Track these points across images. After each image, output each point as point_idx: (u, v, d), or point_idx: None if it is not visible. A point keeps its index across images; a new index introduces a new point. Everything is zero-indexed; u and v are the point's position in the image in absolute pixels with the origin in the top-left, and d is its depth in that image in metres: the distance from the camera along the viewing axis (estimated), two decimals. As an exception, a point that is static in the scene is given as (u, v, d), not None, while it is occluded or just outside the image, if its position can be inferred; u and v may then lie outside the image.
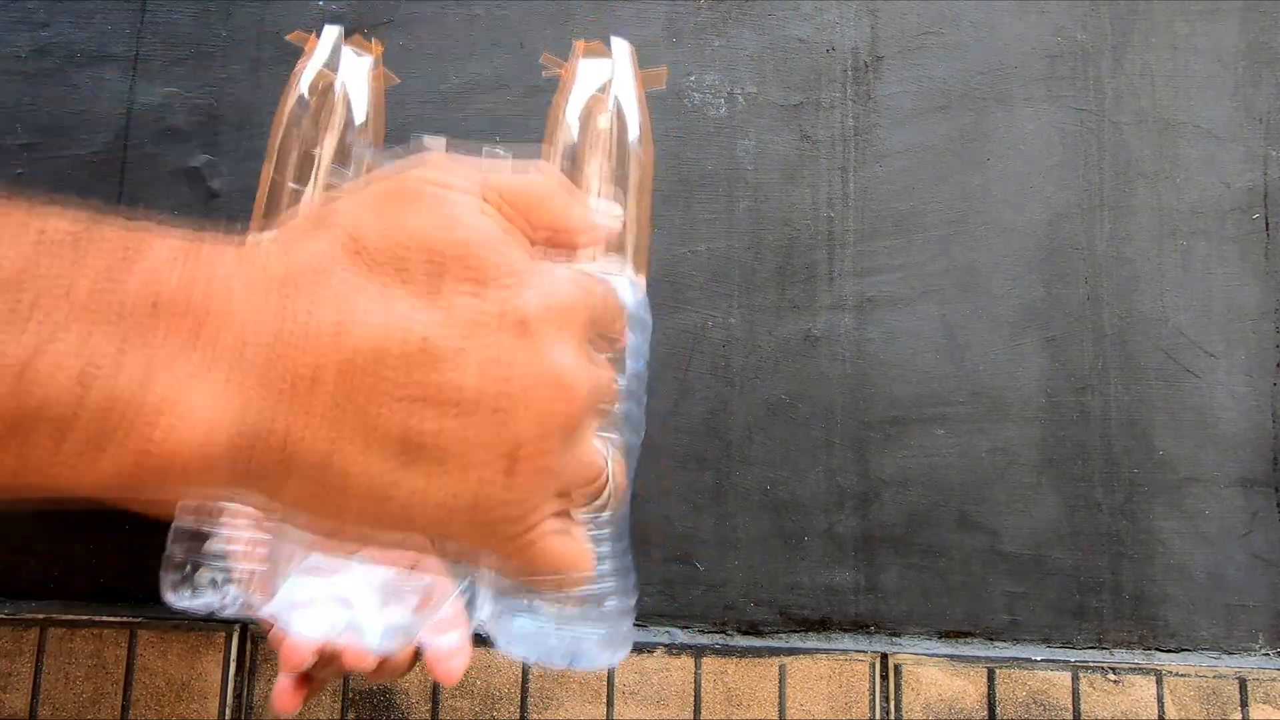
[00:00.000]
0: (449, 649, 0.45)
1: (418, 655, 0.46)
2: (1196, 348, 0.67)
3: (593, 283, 0.29)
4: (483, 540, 0.27)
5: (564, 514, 0.29)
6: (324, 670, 0.46)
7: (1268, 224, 0.68)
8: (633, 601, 0.51)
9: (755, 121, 0.68)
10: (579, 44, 0.50)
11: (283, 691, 0.46)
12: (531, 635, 0.46)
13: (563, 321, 0.27)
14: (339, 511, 0.26)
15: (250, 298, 0.24)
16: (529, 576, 0.29)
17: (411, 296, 0.25)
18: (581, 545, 0.29)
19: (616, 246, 0.46)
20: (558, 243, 0.30)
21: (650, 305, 0.65)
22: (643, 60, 0.67)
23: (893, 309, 0.67)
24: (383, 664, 0.44)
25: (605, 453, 0.31)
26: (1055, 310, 0.67)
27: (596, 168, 0.47)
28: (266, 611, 0.44)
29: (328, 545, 0.43)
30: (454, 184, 0.27)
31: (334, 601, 0.43)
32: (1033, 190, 0.68)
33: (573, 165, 0.47)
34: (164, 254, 0.24)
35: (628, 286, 0.47)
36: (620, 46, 0.50)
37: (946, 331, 0.66)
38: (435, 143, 0.44)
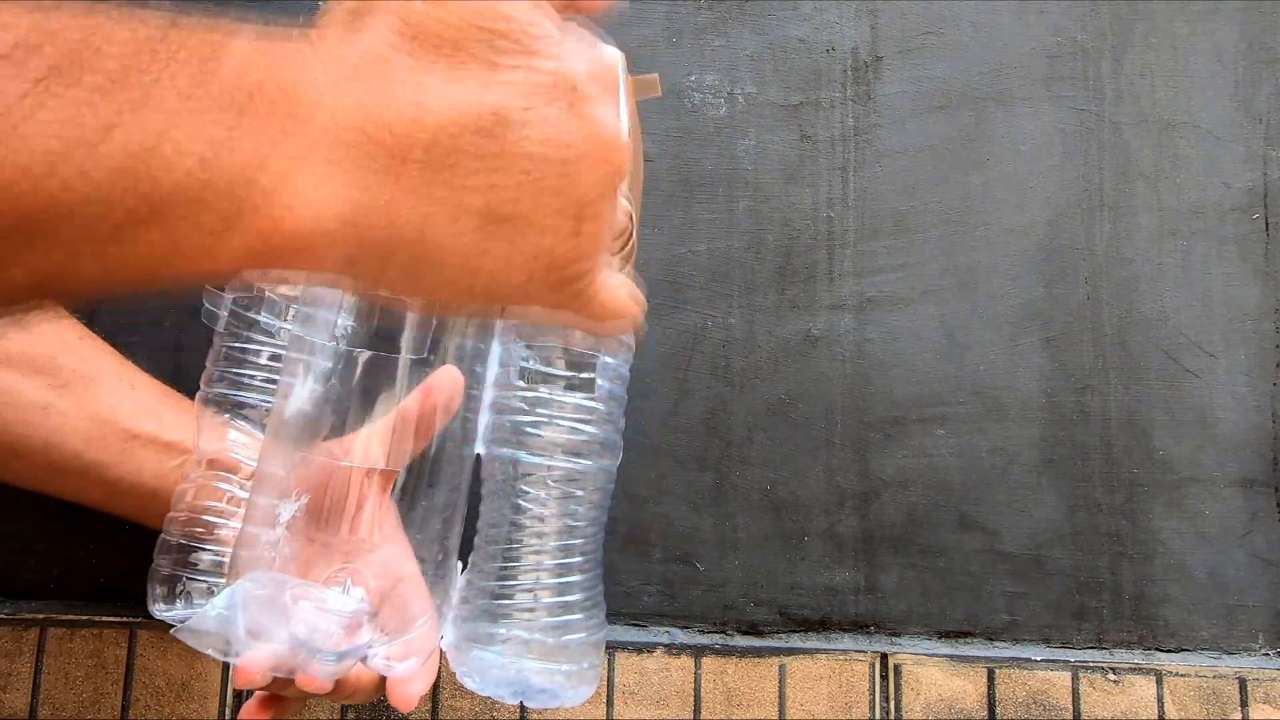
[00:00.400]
0: (405, 674, 0.44)
1: (381, 684, 0.45)
2: (1196, 348, 0.67)
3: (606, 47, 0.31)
4: (560, 299, 0.29)
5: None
6: (286, 690, 0.45)
7: (1268, 224, 0.68)
8: (601, 634, 0.49)
9: (755, 121, 0.68)
10: None
11: (248, 709, 0.45)
12: (489, 667, 0.44)
13: (604, 85, 0.29)
14: (435, 286, 0.28)
15: (334, 85, 0.25)
16: (601, 323, 0.31)
17: (475, 72, 0.26)
18: (633, 289, 0.32)
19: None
20: (576, 8, 0.31)
21: (650, 305, 0.65)
22: (643, 60, 0.67)
23: (893, 309, 0.67)
24: (339, 686, 0.43)
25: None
26: (1055, 310, 0.67)
27: None
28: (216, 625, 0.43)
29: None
30: None
31: (287, 621, 0.42)
32: (1033, 190, 0.68)
33: None
34: (247, 49, 0.24)
35: None
36: (611, 55, 0.49)
37: (946, 332, 0.66)
38: None
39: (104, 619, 0.61)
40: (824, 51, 0.69)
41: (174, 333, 0.64)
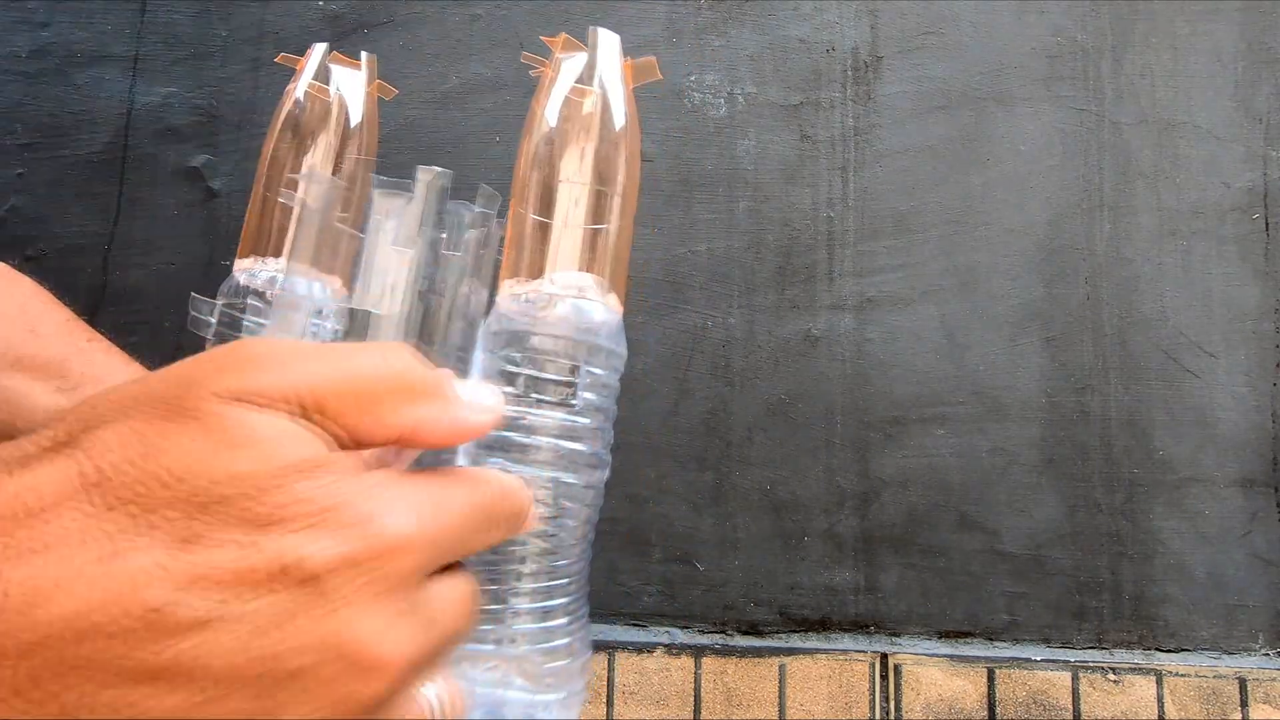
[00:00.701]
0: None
1: None
2: (1196, 348, 0.67)
3: (455, 493, 0.24)
4: None
5: None
6: None
7: (1268, 224, 0.68)
8: (585, 658, 0.47)
9: (755, 121, 0.68)
10: (555, 40, 0.47)
11: None
12: (473, 688, 0.43)
13: (372, 572, 0.21)
14: None
15: None
16: None
17: (154, 547, 0.20)
18: None
19: (589, 265, 0.43)
20: (413, 444, 0.24)
21: (650, 305, 0.65)
22: (639, 76, 0.68)
23: (893, 309, 0.67)
24: None
25: (436, 692, 0.26)
26: (1055, 310, 0.67)
27: (574, 161, 0.44)
28: None
29: None
30: (253, 394, 0.22)
31: None
32: (1033, 190, 0.68)
33: (544, 180, 0.44)
34: None
35: (601, 312, 0.43)
36: (606, 38, 0.47)
37: (946, 332, 0.66)
38: (427, 174, 0.40)
39: (104, 619, 0.61)
40: (824, 51, 0.69)
41: (174, 333, 0.64)
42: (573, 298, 0.40)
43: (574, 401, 0.41)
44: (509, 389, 0.42)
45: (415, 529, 0.22)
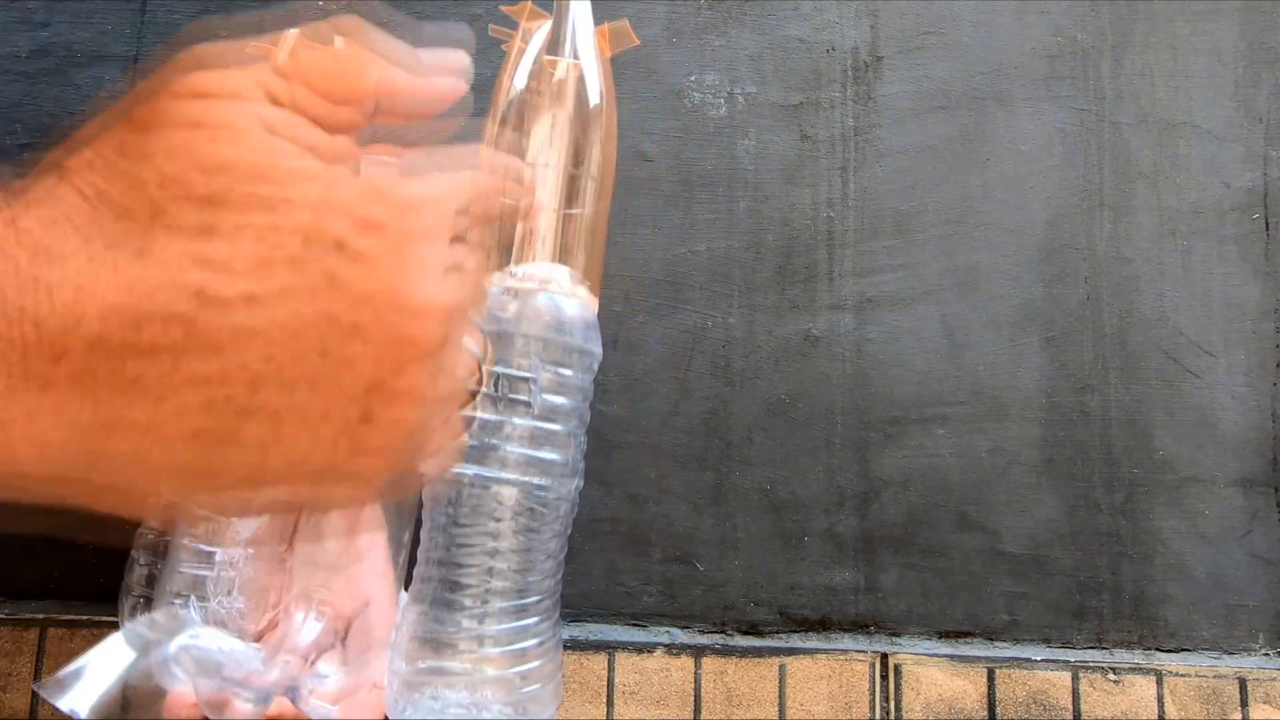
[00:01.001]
0: (333, 714, 0.41)
1: None
2: (1196, 348, 0.67)
3: (452, 159, 0.24)
4: (360, 496, 0.23)
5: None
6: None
7: (1268, 224, 0.68)
8: (555, 683, 0.44)
9: (755, 121, 0.68)
10: (519, 8, 0.40)
11: None
12: (435, 715, 0.39)
13: (395, 232, 0.22)
14: (154, 505, 0.21)
15: None
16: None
17: (176, 241, 0.20)
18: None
19: (563, 255, 0.38)
20: (390, 114, 0.24)
21: (650, 305, 0.65)
22: (642, 60, 0.68)
23: (893, 309, 0.67)
24: None
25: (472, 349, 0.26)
26: (1055, 310, 0.67)
27: (542, 139, 0.38)
28: (157, 659, 0.40)
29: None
30: (222, 89, 0.22)
31: (214, 658, 0.40)
32: (1033, 190, 0.68)
33: (518, 129, 0.38)
34: None
35: (575, 307, 0.39)
36: (576, 5, 0.40)
37: (946, 332, 0.66)
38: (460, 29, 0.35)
39: (104, 619, 0.61)
40: (824, 51, 0.69)
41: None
42: (534, 290, 0.37)
43: (532, 404, 0.37)
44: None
45: (426, 189, 0.22)
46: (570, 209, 0.38)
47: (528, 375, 0.38)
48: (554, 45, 0.40)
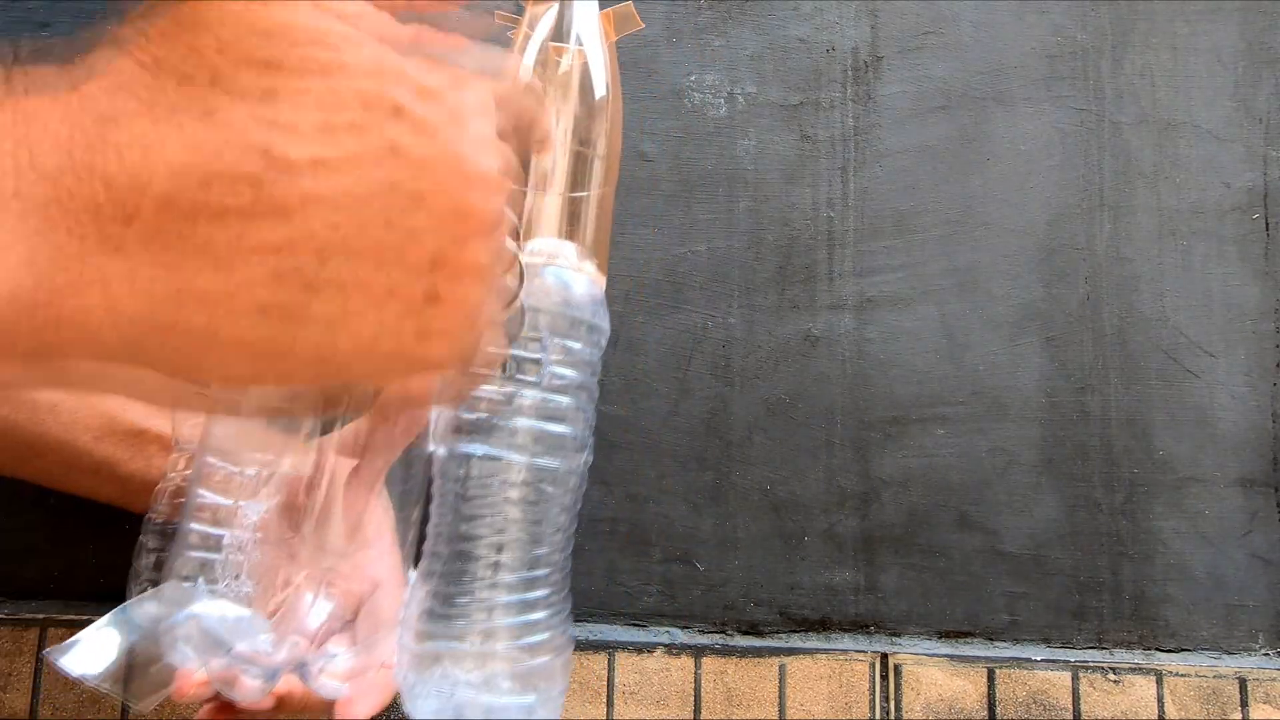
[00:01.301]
0: (345, 693, 0.42)
1: (328, 707, 0.44)
2: (1196, 348, 0.67)
3: (492, 60, 0.24)
4: (422, 393, 0.23)
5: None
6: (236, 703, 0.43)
7: (1268, 224, 0.68)
8: (567, 655, 0.44)
9: (755, 121, 0.68)
10: None
11: (201, 716, 0.44)
12: (453, 688, 0.39)
13: (450, 102, 0.22)
14: (233, 377, 0.21)
15: (27, 125, 0.19)
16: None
17: (240, 104, 0.20)
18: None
19: (570, 233, 0.39)
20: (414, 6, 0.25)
21: (650, 305, 0.65)
22: (643, 60, 0.68)
23: (893, 309, 0.67)
24: (281, 702, 0.42)
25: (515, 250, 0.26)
26: (1055, 310, 0.67)
27: (550, 117, 0.39)
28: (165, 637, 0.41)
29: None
30: None
31: (220, 635, 0.40)
32: (1033, 190, 0.68)
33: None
34: None
35: (583, 283, 0.40)
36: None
37: (946, 331, 0.66)
38: None
39: (104, 619, 0.61)
40: (824, 51, 0.69)
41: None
42: (543, 264, 0.37)
43: (541, 378, 0.38)
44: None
45: (473, 65, 0.23)
46: (575, 192, 0.38)
47: (537, 356, 0.38)
48: (561, 31, 0.40)
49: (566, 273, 0.38)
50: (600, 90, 0.40)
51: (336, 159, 0.20)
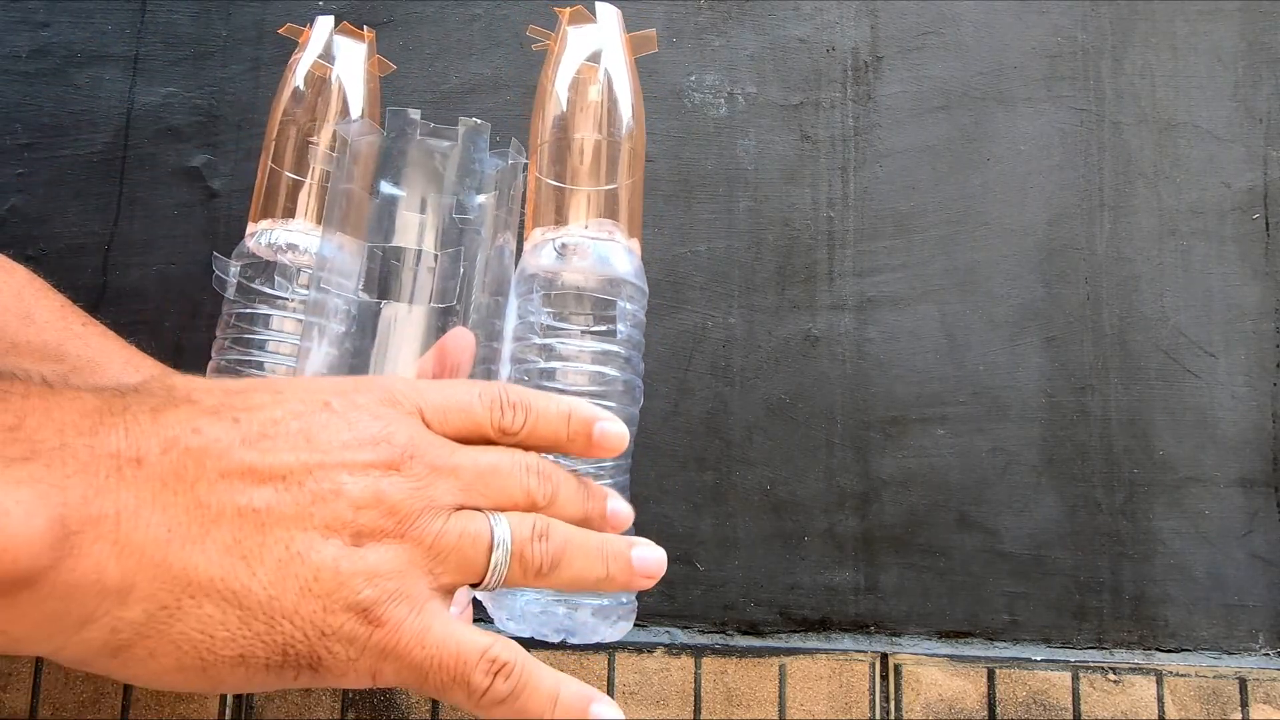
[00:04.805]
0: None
1: None
2: (1196, 348, 0.67)
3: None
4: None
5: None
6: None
7: (1268, 224, 0.68)
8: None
9: (755, 121, 0.68)
10: (564, 11, 0.49)
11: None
12: (534, 612, 0.45)
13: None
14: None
15: (66, 417, 0.26)
16: (426, 681, 0.30)
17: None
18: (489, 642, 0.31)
19: (613, 213, 0.46)
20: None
21: (650, 306, 0.65)
22: (643, 60, 0.67)
23: (893, 309, 0.67)
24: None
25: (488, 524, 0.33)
26: (1055, 310, 0.67)
27: (586, 138, 0.46)
28: None
29: None
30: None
31: None
32: (1033, 190, 0.68)
33: (562, 136, 0.46)
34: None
35: (623, 254, 0.46)
36: (607, 12, 0.49)
37: (946, 331, 0.66)
38: (414, 114, 0.44)
39: (104, 619, 0.61)
40: (824, 51, 0.69)
41: (174, 333, 0.64)
42: (605, 240, 0.44)
43: (617, 333, 0.45)
44: (556, 324, 0.45)
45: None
46: (620, 177, 0.46)
47: (610, 314, 0.44)
48: (594, 45, 0.49)
49: (616, 245, 0.45)
50: (627, 103, 0.47)
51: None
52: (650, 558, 0.37)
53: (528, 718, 0.31)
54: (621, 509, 0.40)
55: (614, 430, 0.38)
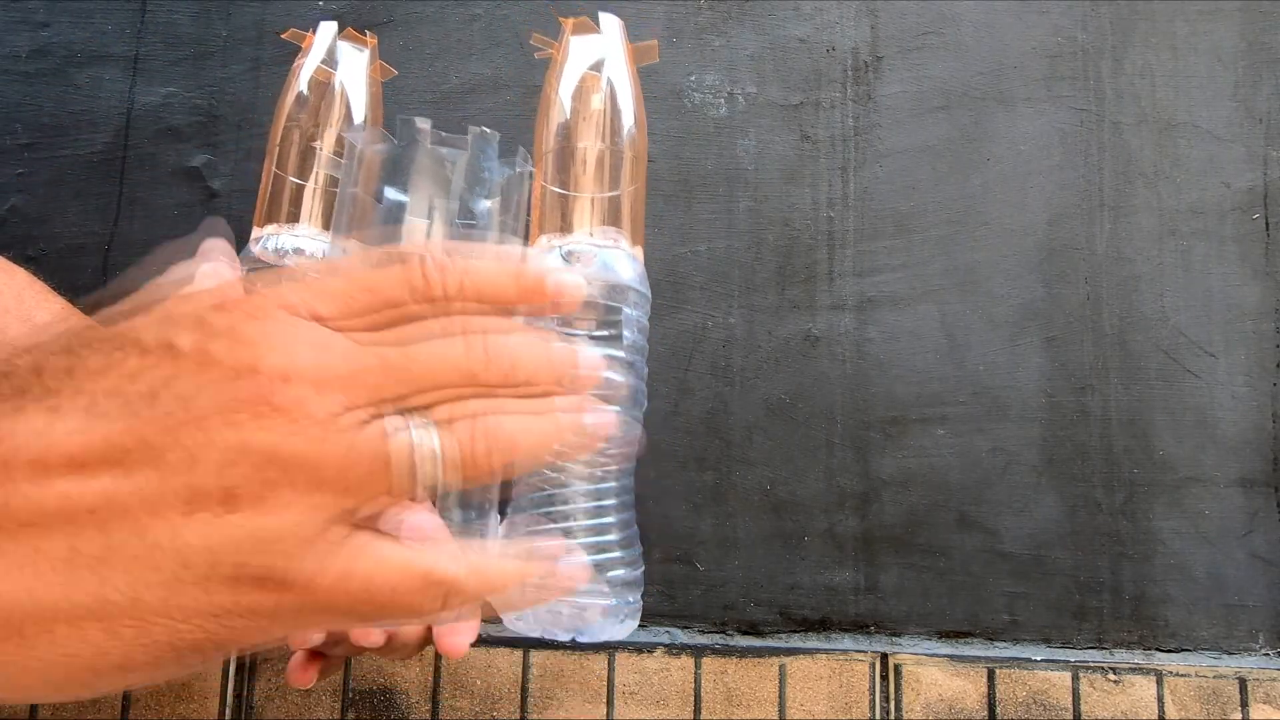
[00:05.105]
0: (456, 623, 0.44)
1: (428, 636, 0.46)
2: (1196, 348, 0.67)
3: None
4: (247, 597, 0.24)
5: (360, 523, 0.26)
6: (334, 648, 0.46)
7: (1268, 224, 0.68)
8: (640, 571, 0.51)
9: (755, 121, 0.68)
10: (568, 21, 0.50)
11: (295, 667, 0.46)
12: (542, 611, 0.46)
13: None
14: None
15: None
16: (363, 612, 0.26)
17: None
18: (399, 557, 0.26)
19: (616, 220, 0.46)
20: None
21: (651, 305, 0.65)
22: (641, 57, 0.67)
23: (893, 309, 0.67)
24: (390, 640, 0.44)
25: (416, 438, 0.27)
26: (1055, 310, 0.67)
27: (590, 147, 0.47)
28: None
29: None
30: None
31: None
32: (1033, 190, 0.68)
33: (566, 144, 0.47)
34: None
35: (625, 260, 0.46)
36: (610, 22, 0.50)
37: (946, 331, 0.66)
38: (423, 123, 0.44)
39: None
40: (824, 51, 0.69)
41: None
42: (610, 247, 0.45)
43: (623, 338, 0.45)
44: (562, 330, 0.46)
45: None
46: (623, 185, 0.46)
47: (616, 320, 0.44)
48: (597, 53, 0.49)
49: (621, 253, 0.46)
50: (629, 111, 0.47)
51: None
52: (604, 421, 0.31)
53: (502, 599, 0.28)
54: (594, 359, 0.31)
55: (571, 280, 0.31)
